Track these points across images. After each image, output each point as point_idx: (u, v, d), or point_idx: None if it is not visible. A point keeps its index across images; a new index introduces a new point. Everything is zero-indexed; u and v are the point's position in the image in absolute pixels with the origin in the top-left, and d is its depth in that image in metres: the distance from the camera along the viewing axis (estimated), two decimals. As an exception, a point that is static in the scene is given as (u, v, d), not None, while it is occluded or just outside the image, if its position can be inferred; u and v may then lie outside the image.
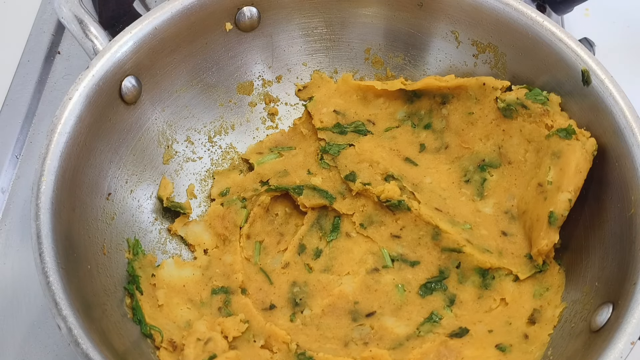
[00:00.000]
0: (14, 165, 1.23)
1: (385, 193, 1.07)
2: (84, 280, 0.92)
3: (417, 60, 1.17)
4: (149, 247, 1.07)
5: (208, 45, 1.12)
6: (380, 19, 1.16)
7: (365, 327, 1.01)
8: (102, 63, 1.00)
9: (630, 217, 0.93)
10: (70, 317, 0.84)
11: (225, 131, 1.18)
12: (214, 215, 1.11)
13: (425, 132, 1.15)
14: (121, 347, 0.90)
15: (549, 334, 0.97)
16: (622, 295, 0.88)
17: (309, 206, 1.11)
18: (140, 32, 1.03)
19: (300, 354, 0.98)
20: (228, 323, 0.98)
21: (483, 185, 1.09)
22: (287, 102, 1.21)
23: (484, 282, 1.03)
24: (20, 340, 1.08)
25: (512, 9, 1.06)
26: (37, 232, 0.88)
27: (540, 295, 1.01)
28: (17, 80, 1.31)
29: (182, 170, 1.14)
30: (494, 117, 1.09)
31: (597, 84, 1.00)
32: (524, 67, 1.08)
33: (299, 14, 1.15)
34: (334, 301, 1.04)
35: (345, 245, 1.09)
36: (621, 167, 0.96)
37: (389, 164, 1.12)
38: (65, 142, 0.94)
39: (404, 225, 1.07)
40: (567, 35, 1.03)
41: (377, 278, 1.05)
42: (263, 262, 1.09)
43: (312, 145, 1.16)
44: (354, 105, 1.18)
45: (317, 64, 1.20)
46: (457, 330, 0.99)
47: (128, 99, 1.04)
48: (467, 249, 1.03)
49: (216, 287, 1.04)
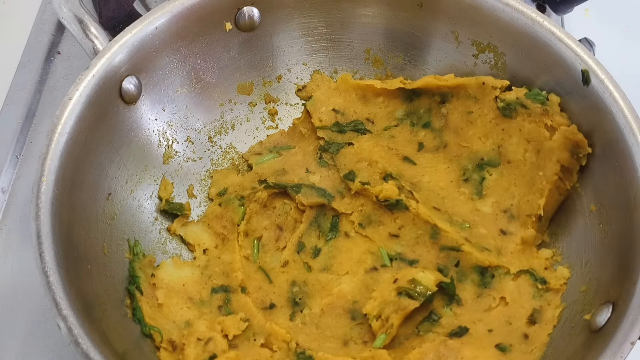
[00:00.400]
0: (14, 165, 1.23)
1: (384, 192, 1.07)
2: (84, 280, 0.92)
3: (417, 60, 1.17)
4: (149, 247, 1.07)
5: (208, 45, 1.12)
6: (380, 19, 1.16)
7: (364, 326, 1.01)
8: (102, 63, 1.00)
9: (630, 217, 0.93)
10: (70, 317, 0.84)
11: (225, 131, 1.18)
12: (212, 216, 1.11)
13: (424, 131, 1.15)
14: (121, 347, 0.90)
15: (548, 334, 0.97)
16: (622, 295, 0.88)
17: (307, 204, 1.11)
18: (140, 32, 1.03)
19: (300, 353, 0.98)
20: (228, 322, 0.98)
21: (482, 184, 1.09)
22: (287, 102, 1.21)
23: (483, 281, 1.03)
24: (20, 340, 1.08)
25: (512, 9, 1.06)
26: (37, 232, 0.88)
27: (540, 295, 1.01)
28: (17, 80, 1.31)
29: (182, 170, 1.14)
30: (494, 117, 1.09)
31: (597, 84, 1.00)
32: (524, 67, 1.08)
33: (299, 14, 1.15)
34: (333, 300, 1.04)
35: (344, 245, 1.09)
36: (621, 167, 0.96)
37: (388, 163, 1.12)
38: (65, 142, 0.94)
39: (403, 225, 1.07)
40: (567, 35, 1.03)
41: (376, 277, 1.05)
42: (262, 261, 1.09)
43: (311, 144, 1.16)
44: (353, 104, 1.18)
45: (317, 64, 1.20)
46: (457, 329, 0.99)
47: (128, 99, 1.04)
48: (465, 247, 1.03)
49: (216, 285, 1.05)
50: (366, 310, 1.01)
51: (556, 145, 1.03)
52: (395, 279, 1.02)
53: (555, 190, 1.05)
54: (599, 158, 1.00)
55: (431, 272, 1.02)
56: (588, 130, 1.01)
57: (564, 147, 1.02)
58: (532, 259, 1.04)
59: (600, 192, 1.00)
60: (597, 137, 1.00)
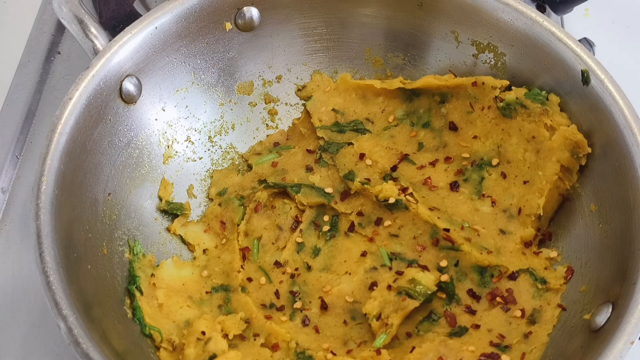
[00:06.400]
0: (14, 165, 1.23)
1: (383, 192, 1.07)
2: (84, 280, 0.92)
3: (416, 60, 1.17)
4: (149, 247, 1.07)
5: (208, 45, 1.12)
6: (380, 19, 1.16)
7: (364, 326, 1.01)
8: (102, 63, 1.00)
9: (630, 217, 0.93)
10: (70, 317, 0.84)
11: (225, 131, 1.18)
12: (212, 216, 1.11)
13: (423, 130, 1.15)
14: (121, 347, 0.90)
15: (548, 334, 0.97)
16: (622, 295, 0.89)
17: (307, 204, 1.11)
18: (140, 32, 1.03)
19: (300, 352, 0.98)
20: (228, 321, 0.98)
21: (481, 184, 1.09)
22: (287, 102, 1.21)
23: (482, 280, 1.03)
24: (20, 340, 1.08)
25: (512, 9, 1.06)
26: (37, 232, 0.89)
27: (540, 295, 1.01)
28: (17, 80, 1.31)
29: (182, 170, 1.14)
30: (493, 117, 1.09)
31: (596, 84, 1.00)
32: (524, 67, 1.08)
33: (299, 14, 1.15)
34: (333, 300, 1.04)
35: (343, 244, 1.09)
36: (621, 167, 0.96)
37: (387, 163, 1.12)
38: (65, 142, 0.95)
39: (402, 224, 1.07)
40: (567, 35, 1.03)
41: (375, 277, 1.05)
42: (262, 260, 1.09)
43: (311, 144, 1.16)
44: (353, 104, 1.18)
45: (317, 64, 1.20)
46: (457, 329, 0.99)
47: (128, 99, 1.04)
48: (465, 247, 1.03)
49: (216, 285, 1.05)
50: (366, 310, 1.01)
51: (556, 145, 1.03)
52: (395, 278, 1.02)
53: (555, 190, 1.05)
54: (599, 158, 1.00)
55: (431, 272, 1.02)
56: (588, 130, 1.01)
57: (564, 147, 1.02)
58: (532, 259, 1.04)
59: (600, 192, 1.00)
60: (597, 137, 1.00)
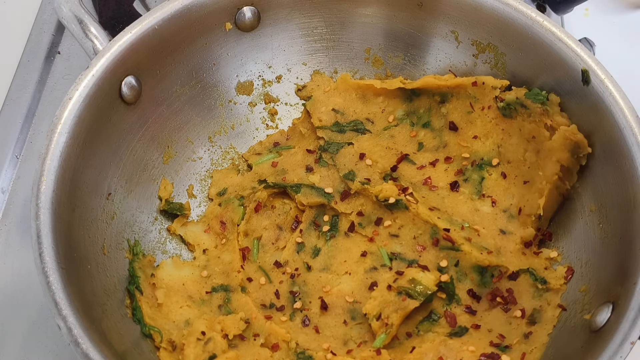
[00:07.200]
0: (14, 165, 1.23)
1: (383, 192, 1.07)
2: (84, 280, 0.92)
3: (416, 60, 1.17)
4: (149, 247, 1.07)
5: (208, 45, 1.12)
6: (380, 19, 1.16)
7: (364, 326, 1.01)
8: (102, 63, 1.00)
9: (630, 217, 0.93)
10: (70, 317, 0.84)
11: (225, 131, 1.18)
12: (212, 216, 1.11)
13: (423, 130, 1.15)
14: (121, 347, 0.90)
15: (548, 334, 0.97)
16: (622, 295, 0.89)
17: (307, 204, 1.11)
18: (140, 32, 1.03)
19: (300, 352, 0.98)
20: (228, 321, 0.98)
21: (481, 184, 1.09)
22: (287, 102, 1.21)
23: (482, 280, 1.03)
24: (20, 340, 1.08)
25: (512, 9, 1.06)
26: (37, 232, 0.88)
27: (540, 295, 1.01)
28: (17, 80, 1.31)
29: (182, 170, 1.14)
30: (494, 117, 1.09)
31: (597, 83, 1.00)
32: (524, 67, 1.08)
33: (299, 14, 1.15)
34: (333, 300, 1.04)
35: (343, 244, 1.09)
36: (621, 167, 0.96)
37: (387, 163, 1.12)
38: (65, 142, 0.95)
39: (402, 225, 1.07)
40: (567, 35, 1.03)
41: (375, 277, 1.05)
42: (262, 260, 1.09)
43: (311, 144, 1.16)
44: (353, 104, 1.18)
45: (317, 64, 1.20)
46: (457, 329, 0.99)
47: (128, 99, 1.04)
48: (465, 247, 1.03)
49: (216, 285, 1.05)
50: (366, 310, 1.01)
51: (556, 145, 1.03)
52: (395, 278, 1.02)
53: (555, 190, 1.05)
54: (599, 158, 1.00)
55: (431, 272, 1.02)
56: (588, 130, 1.01)
57: (564, 147, 1.02)
58: (532, 259, 1.04)
59: (600, 192, 1.00)
60: (597, 137, 1.00)
